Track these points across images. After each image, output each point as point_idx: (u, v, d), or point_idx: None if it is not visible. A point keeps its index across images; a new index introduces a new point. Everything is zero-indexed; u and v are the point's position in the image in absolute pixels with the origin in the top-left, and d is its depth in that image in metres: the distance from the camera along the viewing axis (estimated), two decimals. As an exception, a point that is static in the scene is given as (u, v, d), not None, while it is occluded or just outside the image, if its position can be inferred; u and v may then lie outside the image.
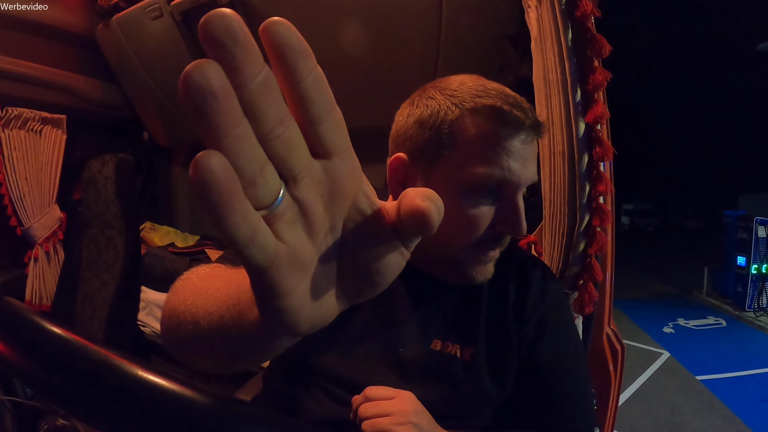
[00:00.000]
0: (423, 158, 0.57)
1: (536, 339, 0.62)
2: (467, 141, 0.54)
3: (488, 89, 0.55)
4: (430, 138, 0.56)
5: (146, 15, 1.82)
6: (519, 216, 0.55)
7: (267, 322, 0.26)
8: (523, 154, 0.55)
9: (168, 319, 0.45)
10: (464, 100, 0.55)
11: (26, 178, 2.04)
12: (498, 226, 0.56)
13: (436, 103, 0.56)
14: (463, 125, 0.54)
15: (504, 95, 0.55)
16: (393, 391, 0.53)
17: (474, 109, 0.54)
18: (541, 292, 0.64)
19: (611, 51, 0.82)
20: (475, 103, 0.54)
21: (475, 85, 0.56)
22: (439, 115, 0.55)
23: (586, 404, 0.63)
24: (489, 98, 0.54)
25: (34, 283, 2.11)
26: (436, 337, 0.61)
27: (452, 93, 0.56)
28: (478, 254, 0.58)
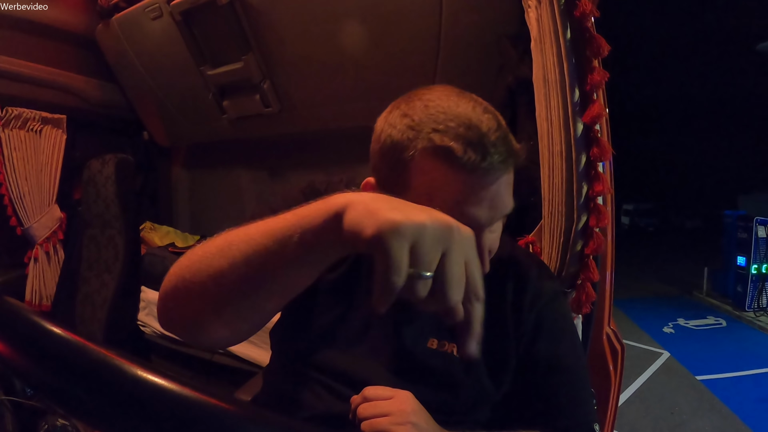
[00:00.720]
0: (386, 190, 0.55)
1: (534, 337, 0.62)
2: (420, 186, 0.51)
3: (448, 118, 0.50)
4: (389, 176, 0.54)
5: (146, 15, 1.82)
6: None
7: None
8: (484, 197, 0.51)
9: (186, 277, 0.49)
10: (420, 134, 0.50)
11: (26, 178, 2.04)
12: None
13: (398, 132, 0.53)
14: (415, 168, 0.51)
15: (465, 126, 0.49)
16: (391, 391, 0.53)
17: (425, 149, 0.50)
18: (538, 291, 0.64)
19: (610, 51, 0.82)
20: (429, 140, 0.50)
21: (439, 109, 0.51)
22: (396, 149, 0.52)
23: (585, 401, 0.63)
24: (445, 132, 0.49)
25: (34, 283, 2.11)
26: (433, 335, 0.61)
27: (411, 123, 0.52)
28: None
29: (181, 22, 1.77)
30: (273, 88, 1.95)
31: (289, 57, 1.82)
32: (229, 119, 2.18)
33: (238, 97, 2.04)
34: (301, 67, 1.84)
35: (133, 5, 1.84)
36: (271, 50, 1.80)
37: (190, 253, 0.50)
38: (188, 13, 1.74)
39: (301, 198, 0.67)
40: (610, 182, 0.90)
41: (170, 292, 0.50)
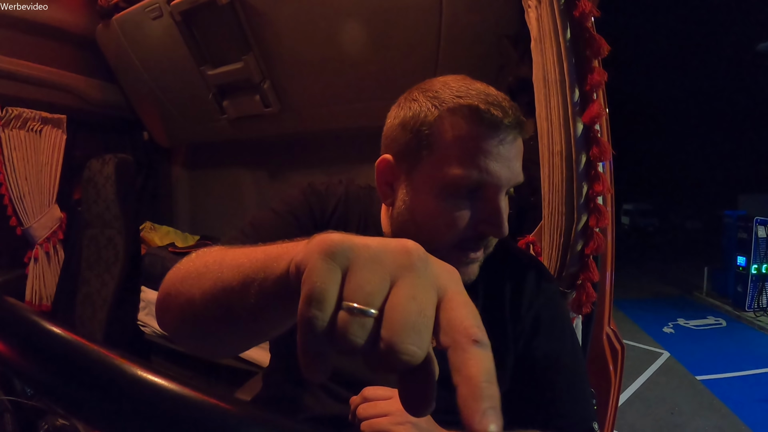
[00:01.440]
0: (406, 160, 0.58)
1: (531, 336, 0.62)
2: (445, 142, 0.55)
3: (470, 90, 0.55)
4: (411, 140, 0.57)
5: (146, 15, 1.82)
6: (499, 217, 0.55)
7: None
8: (504, 154, 0.54)
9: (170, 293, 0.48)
10: (444, 101, 0.55)
11: (26, 178, 2.04)
12: (479, 227, 0.56)
13: (418, 105, 0.57)
14: (441, 126, 0.55)
15: (484, 95, 0.55)
16: (391, 390, 0.53)
17: (452, 110, 0.55)
18: (535, 290, 0.64)
19: (610, 51, 0.82)
20: (454, 103, 0.55)
21: (457, 85, 0.56)
22: (419, 117, 0.56)
23: (584, 399, 0.63)
24: (468, 98, 0.54)
25: (34, 283, 2.11)
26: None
27: (434, 94, 0.56)
28: (459, 255, 0.57)
29: (181, 22, 1.77)
30: (273, 88, 1.95)
31: (289, 57, 1.82)
32: (229, 119, 2.18)
33: (238, 97, 2.04)
34: (301, 67, 1.84)
35: (133, 5, 1.84)
36: (271, 50, 1.80)
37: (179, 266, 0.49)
38: (188, 13, 1.74)
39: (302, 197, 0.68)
40: (610, 182, 0.90)
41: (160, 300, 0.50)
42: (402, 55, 1.63)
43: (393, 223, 0.62)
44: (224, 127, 2.25)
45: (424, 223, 0.57)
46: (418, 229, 0.58)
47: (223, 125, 2.24)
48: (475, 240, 0.57)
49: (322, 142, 2.27)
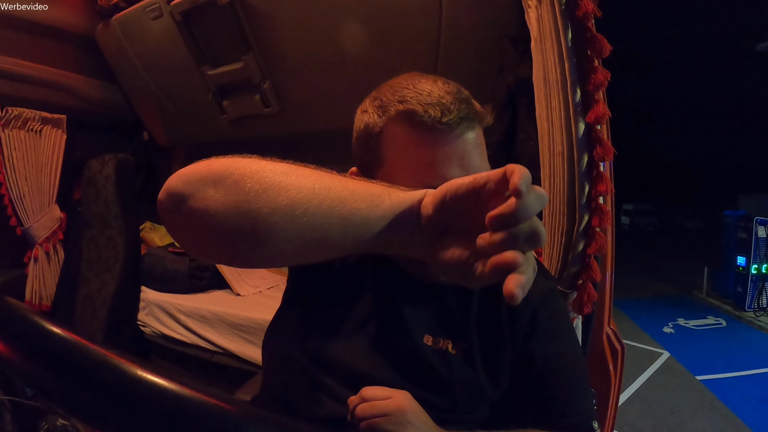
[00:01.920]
0: (366, 173, 0.59)
1: (529, 335, 0.62)
2: (393, 155, 0.54)
3: (413, 90, 0.53)
4: (365, 155, 0.58)
5: (146, 15, 1.82)
6: None
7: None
8: (451, 154, 0.52)
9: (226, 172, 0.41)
10: (387, 110, 0.54)
11: (26, 178, 2.04)
12: None
13: (368, 116, 0.57)
14: (386, 138, 0.54)
15: (426, 94, 0.52)
16: (389, 391, 0.53)
17: (392, 119, 0.54)
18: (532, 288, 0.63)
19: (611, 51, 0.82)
20: (395, 110, 0.54)
21: (403, 87, 0.55)
22: (368, 130, 0.56)
23: (583, 399, 0.63)
24: (407, 102, 0.53)
25: (34, 283, 2.11)
26: (427, 332, 0.61)
27: (380, 102, 0.56)
28: None
29: (181, 22, 1.77)
30: (273, 88, 1.95)
31: (289, 57, 1.82)
32: (229, 119, 2.18)
33: (238, 97, 2.04)
34: (301, 67, 1.84)
35: (133, 5, 1.84)
36: (271, 50, 1.80)
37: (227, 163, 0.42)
38: (188, 13, 1.74)
39: None
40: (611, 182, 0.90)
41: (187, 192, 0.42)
42: (402, 55, 1.63)
43: None
44: (224, 127, 2.25)
45: None
46: None
47: (223, 125, 2.24)
48: None
49: (322, 142, 2.27)
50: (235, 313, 1.98)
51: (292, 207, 0.39)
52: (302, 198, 0.40)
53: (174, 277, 2.22)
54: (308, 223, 0.39)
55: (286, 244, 0.40)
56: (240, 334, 1.95)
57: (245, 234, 0.40)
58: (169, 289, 2.21)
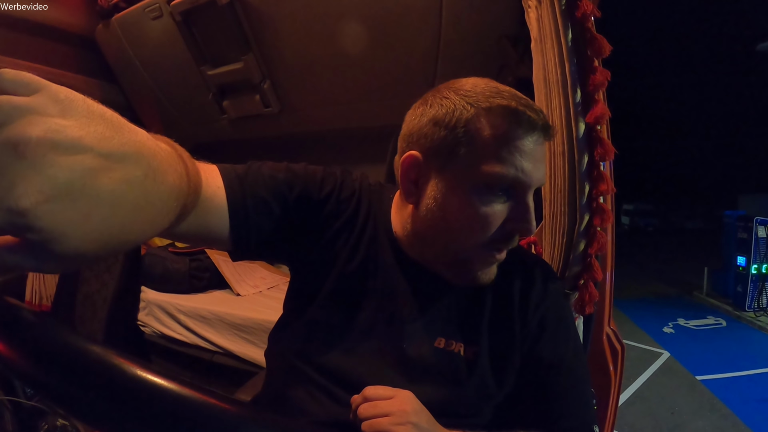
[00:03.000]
0: (438, 156, 0.57)
1: (537, 338, 0.62)
2: (483, 140, 0.55)
3: (501, 91, 0.57)
4: (445, 137, 0.56)
5: (146, 15, 1.82)
6: (530, 215, 0.55)
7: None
8: (535, 155, 0.55)
9: None
10: (479, 100, 0.56)
11: (26, 178, 2.04)
12: (508, 225, 0.56)
13: (451, 102, 0.57)
14: (478, 124, 0.55)
15: (517, 97, 0.56)
16: (392, 390, 0.53)
17: (489, 109, 0.55)
18: (542, 292, 0.64)
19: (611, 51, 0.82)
20: (490, 102, 0.55)
21: (488, 86, 0.57)
22: (455, 114, 0.56)
23: (586, 402, 0.63)
24: (503, 99, 0.55)
25: (34, 283, 2.11)
26: (440, 335, 0.61)
27: (466, 93, 0.57)
28: (485, 255, 0.58)
29: (181, 22, 1.77)
30: (273, 88, 1.95)
31: (289, 57, 1.82)
32: (229, 119, 2.18)
33: (238, 97, 2.04)
34: (301, 67, 1.84)
35: (133, 5, 1.84)
36: (271, 50, 1.80)
37: None
38: (188, 13, 1.74)
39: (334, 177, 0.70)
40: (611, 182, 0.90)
41: None
42: (402, 55, 1.63)
43: (417, 224, 0.61)
44: (224, 127, 2.25)
45: (456, 221, 0.57)
46: (449, 227, 0.57)
47: (223, 125, 2.24)
48: (504, 239, 0.57)
49: (322, 142, 2.27)
50: (235, 313, 1.98)
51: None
52: None
53: (174, 277, 2.22)
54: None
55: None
56: (240, 334, 1.95)
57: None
58: (169, 289, 2.21)
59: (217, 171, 0.58)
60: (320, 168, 0.68)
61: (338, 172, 0.69)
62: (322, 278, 0.64)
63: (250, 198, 0.59)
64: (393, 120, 0.63)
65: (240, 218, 0.58)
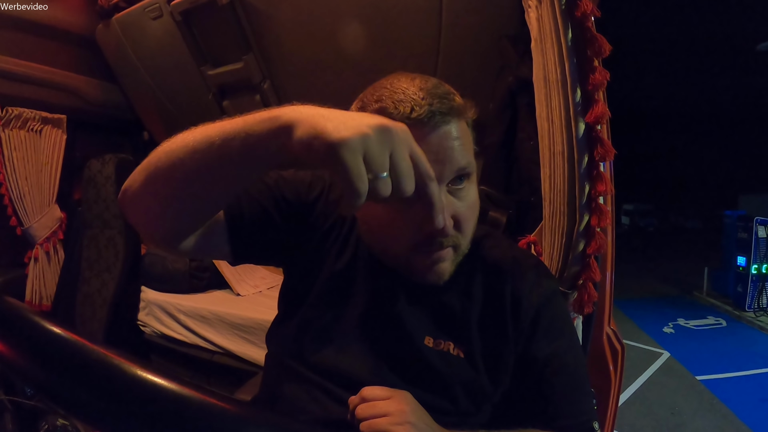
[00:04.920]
0: None
1: (531, 335, 0.62)
2: None
3: (391, 89, 0.55)
4: None
5: (146, 15, 1.82)
6: (431, 211, 0.49)
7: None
8: (426, 149, 0.48)
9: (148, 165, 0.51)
10: (365, 109, 0.56)
11: (26, 178, 2.04)
12: (424, 228, 0.53)
13: (355, 104, 0.60)
14: None
15: (399, 92, 0.54)
16: (389, 391, 0.53)
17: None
18: (535, 290, 0.64)
19: (611, 51, 0.82)
20: (371, 110, 0.55)
21: (383, 86, 0.57)
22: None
23: (584, 399, 0.63)
24: (381, 101, 0.54)
25: (34, 283, 2.11)
26: (428, 334, 0.61)
27: (362, 104, 0.58)
28: (421, 258, 0.57)
29: (181, 22, 1.77)
30: (273, 88, 1.95)
31: (289, 57, 1.81)
32: (229, 119, 2.18)
33: (238, 97, 2.04)
34: (301, 67, 1.84)
35: (133, 5, 1.84)
36: (271, 50, 1.80)
37: (163, 144, 0.52)
38: (188, 13, 1.74)
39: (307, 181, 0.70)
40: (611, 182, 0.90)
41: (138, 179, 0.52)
42: (402, 55, 1.63)
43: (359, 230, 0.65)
44: (224, 127, 2.25)
45: (375, 231, 0.60)
46: (373, 237, 0.61)
47: (223, 125, 2.24)
48: (425, 241, 0.55)
49: (322, 142, 2.26)
50: (235, 313, 1.98)
51: (185, 141, 0.48)
52: (193, 134, 0.48)
53: (174, 277, 2.22)
54: (198, 141, 0.47)
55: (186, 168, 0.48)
56: (240, 334, 1.95)
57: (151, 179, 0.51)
58: (169, 289, 2.21)
59: None
60: (309, 172, 0.70)
61: (326, 176, 0.70)
62: (313, 278, 0.65)
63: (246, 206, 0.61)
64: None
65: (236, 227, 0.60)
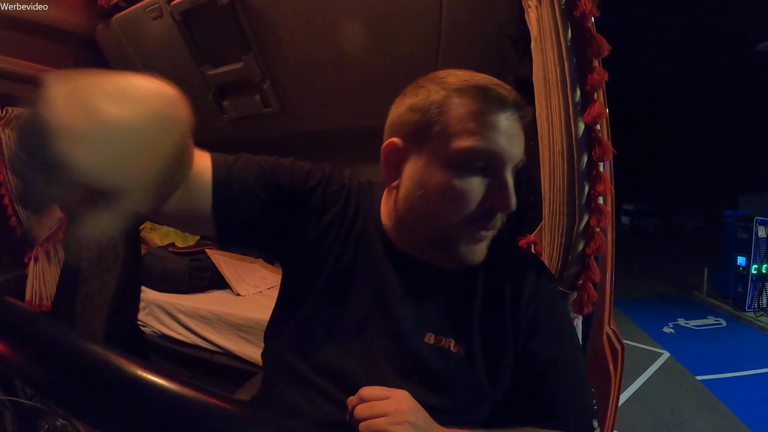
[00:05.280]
0: (414, 139, 0.59)
1: (530, 334, 0.62)
2: (454, 117, 0.57)
3: (475, 75, 0.59)
4: (420, 119, 0.59)
5: (146, 15, 1.82)
6: (507, 191, 0.56)
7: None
8: (509, 131, 0.57)
9: None
10: (452, 84, 0.58)
11: (26, 178, 2.04)
12: (488, 202, 0.57)
13: (426, 90, 0.60)
14: (450, 104, 0.57)
15: (488, 78, 0.59)
16: (388, 390, 0.53)
17: (460, 89, 0.57)
18: (535, 289, 0.64)
19: (611, 51, 0.82)
20: (461, 84, 0.58)
21: (462, 73, 0.60)
22: (428, 99, 0.59)
23: (583, 398, 0.63)
24: (474, 81, 0.58)
25: (34, 283, 2.11)
26: (430, 330, 0.61)
27: (441, 80, 0.60)
28: (469, 232, 0.59)
29: (181, 22, 1.77)
30: (273, 88, 1.95)
31: (289, 57, 1.82)
32: (229, 119, 2.18)
33: (238, 97, 2.04)
34: (301, 67, 1.84)
35: (133, 5, 1.84)
36: (271, 50, 1.80)
37: None
38: (188, 13, 1.73)
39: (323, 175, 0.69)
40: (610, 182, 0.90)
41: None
42: (402, 55, 1.63)
43: (400, 208, 0.62)
44: (224, 127, 2.25)
45: (435, 200, 0.58)
46: (429, 206, 0.59)
47: (223, 125, 2.24)
48: (484, 217, 0.58)
49: (322, 142, 2.27)
50: (235, 313, 1.98)
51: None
52: None
53: (174, 277, 2.22)
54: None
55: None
56: (240, 334, 1.95)
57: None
58: (169, 289, 2.21)
59: (207, 154, 0.60)
60: (310, 162, 0.70)
61: (326, 168, 0.70)
62: (313, 276, 0.64)
63: (236, 180, 0.60)
64: (393, 120, 0.64)
65: (222, 197, 0.59)
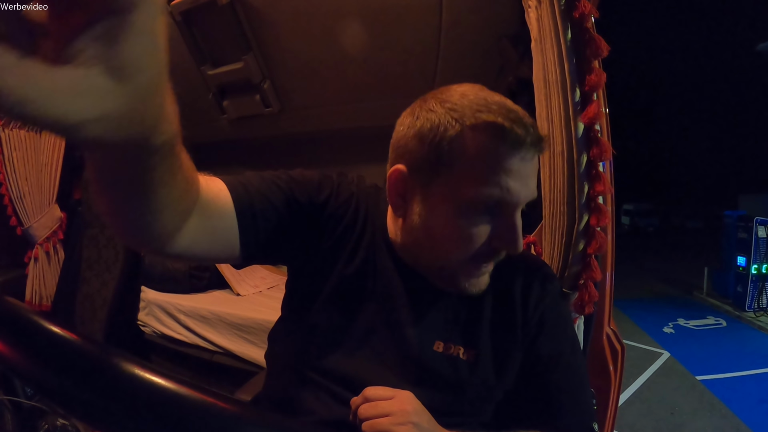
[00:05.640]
0: (422, 173, 0.56)
1: (535, 336, 0.62)
2: (466, 159, 0.53)
3: (489, 103, 0.54)
4: (429, 153, 0.55)
5: (146, 15, 1.82)
6: (515, 234, 0.55)
7: None
8: (523, 173, 0.54)
9: None
10: (464, 115, 0.54)
11: (26, 178, 2.04)
12: (494, 243, 0.56)
13: (437, 116, 0.55)
14: (462, 143, 0.53)
15: (505, 110, 0.54)
16: (392, 391, 0.52)
17: (474, 126, 0.53)
18: (542, 291, 0.64)
19: (611, 51, 0.82)
20: (475, 118, 0.53)
21: (476, 98, 0.55)
22: (439, 131, 0.54)
23: (584, 400, 0.64)
24: (490, 113, 0.53)
25: (34, 283, 2.11)
26: (439, 338, 0.61)
27: (453, 106, 0.55)
28: (471, 268, 0.57)
29: (181, 22, 1.76)
30: (273, 88, 1.95)
31: (289, 57, 1.82)
32: (229, 119, 2.18)
33: (238, 97, 2.04)
34: (301, 67, 1.84)
35: (133, 5, 1.84)
36: (271, 50, 1.80)
37: None
38: (188, 13, 1.74)
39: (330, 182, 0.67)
40: (610, 182, 0.90)
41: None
42: (402, 55, 1.63)
43: (405, 235, 0.61)
44: (224, 127, 2.25)
45: (439, 239, 0.57)
46: (433, 244, 0.57)
47: (223, 125, 2.24)
48: (488, 255, 0.57)
49: (322, 142, 2.27)
50: (235, 313, 1.98)
51: None
52: None
53: (174, 277, 2.22)
54: None
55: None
56: (240, 334, 1.95)
57: None
58: (169, 289, 2.21)
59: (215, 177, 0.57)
60: (316, 172, 0.67)
61: (334, 176, 0.68)
62: (322, 281, 0.63)
63: (256, 198, 0.58)
64: (393, 120, 0.63)
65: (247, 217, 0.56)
